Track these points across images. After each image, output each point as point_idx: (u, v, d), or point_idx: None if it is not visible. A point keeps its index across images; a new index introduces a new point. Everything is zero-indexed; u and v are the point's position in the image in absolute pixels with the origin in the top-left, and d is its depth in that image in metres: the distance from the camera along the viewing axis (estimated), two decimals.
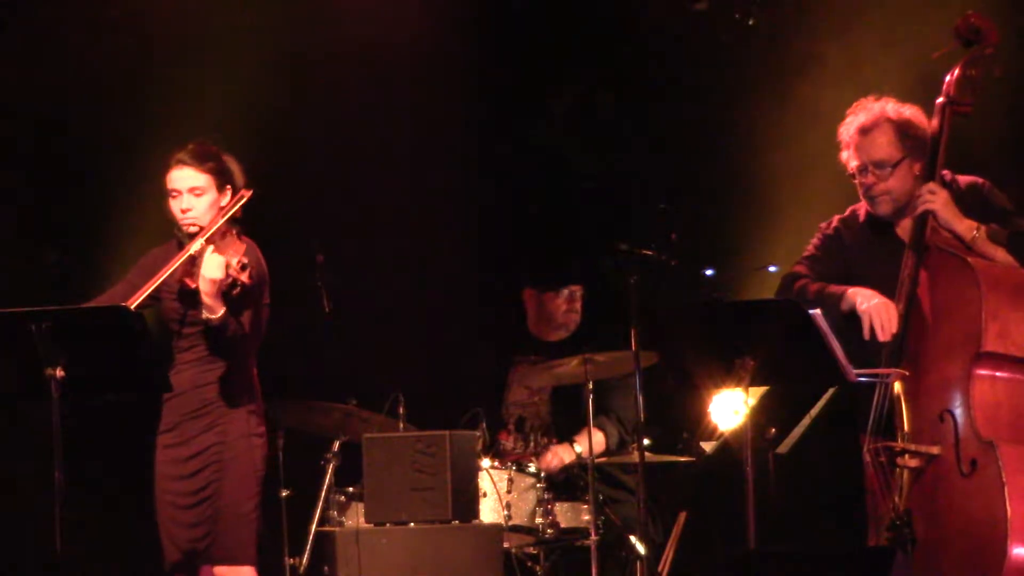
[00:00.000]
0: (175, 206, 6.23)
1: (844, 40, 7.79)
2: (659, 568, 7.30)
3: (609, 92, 8.61)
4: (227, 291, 6.03)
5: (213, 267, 6.00)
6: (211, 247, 6.04)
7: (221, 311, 6.03)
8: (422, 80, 8.41)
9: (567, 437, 7.43)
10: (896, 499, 5.80)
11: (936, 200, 5.84)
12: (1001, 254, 5.82)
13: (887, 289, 5.87)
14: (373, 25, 8.31)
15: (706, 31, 8.35)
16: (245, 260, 6.01)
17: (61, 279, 8.23)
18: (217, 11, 8.13)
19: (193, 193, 6.21)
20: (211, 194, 6.22)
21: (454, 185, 8.50)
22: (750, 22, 8.28)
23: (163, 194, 6.29)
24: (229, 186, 6.27)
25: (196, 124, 7.56)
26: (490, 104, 8.60)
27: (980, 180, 6.01)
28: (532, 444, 7.33)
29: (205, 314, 6.03)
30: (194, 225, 6.18)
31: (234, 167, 6.31)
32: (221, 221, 6.14)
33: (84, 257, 8.19)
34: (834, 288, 5.97)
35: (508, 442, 7.41)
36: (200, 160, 6.24)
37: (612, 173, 8.60)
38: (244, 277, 6.00)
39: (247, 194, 6.21)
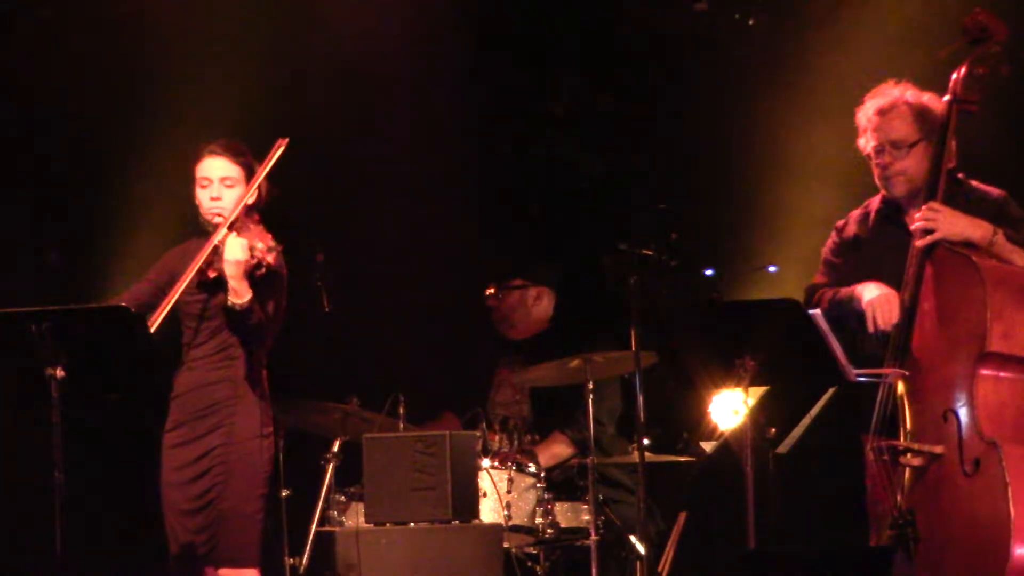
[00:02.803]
0: (203, 195, 6.21)
1: (846, 39, 7.79)
2: (659, 568, 7.30)
3: (608, 92, 8.61)
4: (251, 274, 6.02)
5: (236, 249, 6.00)
6: (233, 232, 6.04)
7: (248, 296, 6.01)
8: (422, 80, 8.41)
9: (543, 435, 7.49)
10: (899, 498, 5.79)
11: (938, 223, 5.82)
12: (1019, 256, 5.81)
13: (899, 280, 5.86)
14: (372, 25, 8.31)
15: (706, 31, 8.35)
16: (272, 244, 6.02)
17: (61, 279, 8.23)
18: (217, 11, 8.13)
19: (224, 183, 6.20)
20: (240, 187, 6.20)
21: (454, 185, 8.50)
22: (750, 22, 8.28)
23: (190, 182, 6.27)
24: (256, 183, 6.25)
25: (196, 124, 7.57)
26: (490, 104, 8.60)
27: (996, 191, 5.99)
28: (517, 443, 7.35)
29: (231, 299, 6.01)
30: (219, 215, 6.16)
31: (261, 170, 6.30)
32: (239, 207, 6.12)
33: (84, 257, 8.19)
34: (844, 291, 5.97)
35: (495, 441, 7.42)
36: (234, 153, 6.24)
37: (612, 173, 8.60)
38: (270, 258, 6.00)
39: (283, 143, 6.19)
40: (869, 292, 5.88)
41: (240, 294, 6.01)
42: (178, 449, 6.18)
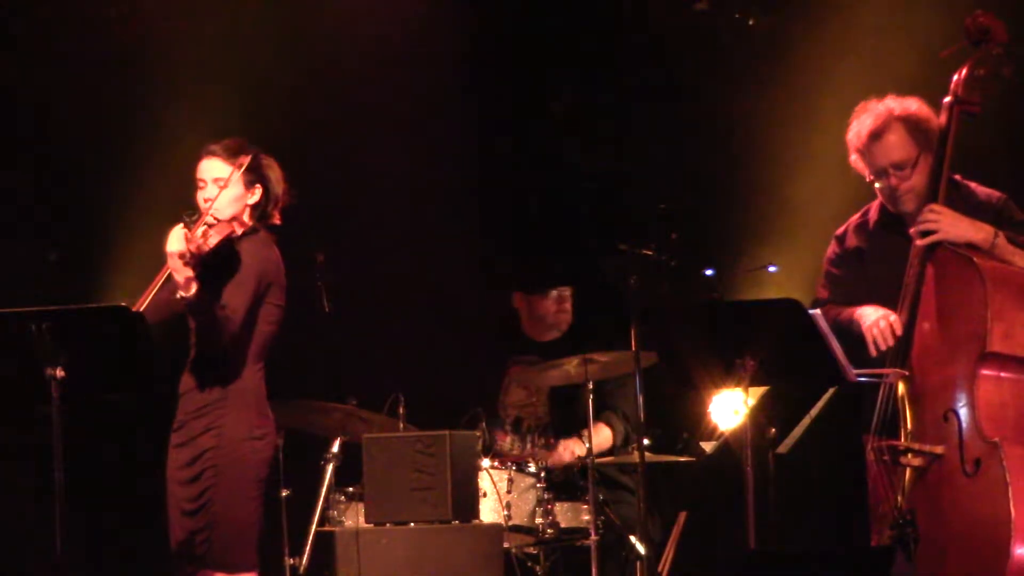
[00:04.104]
0: (199, 196, 6.17)
1: (846, 38, 7.78)
2: (659, 568, 7.30)
3: (609, 92, 8.61)
4: (197, 268, 5.95)
5: (173, 240, 5.94)
6: (179, 225, 5.97)
7: (190, 288, 5.95)
8: (421, 80, 8.41)
9: (569, 435, 7.43)
10: (899, 498, 5.79)
11: (940, 225, 5.81)
12: (1020, 258, 5.80)
13: (899, 288, 5.86)
14: (372, 24, 8.31)
15: (706, 31, 8.35)
16: (211, 240, 5.94)
17: (61, 279, 8.23)
18: (217, 11, 8.13)
19: (218, 184, 6.13)
20: (235, 188, 6.15)
21: (454, 185, 8.50)
22: (750, 22, 8.28)
23: (192, 186, 6.25)
24: (259, 185, 6.22)
25: (197, 124, 7.57)
26: (490, 104, 8.60)
27: (996, 194, 5.98)
28: (529, 445, 7.34)
29: (180, 292, 5.98)
30: (212, 217, 6.13)
31: (273, 172, 6.24)
32: (233, 207, 6.09)
33: (84, 257, 8.19)
34: (844, 315, 5.96)
35: (505, 443, 7.41)
36: (230, 153, 6.17)
37: (612, 173, 8.60)
38: (192, 247, 5.90)
39: (244, 161, 6.13)
40: (868, 318, 5.87)
41: (182, 286, 5.97)
42: (179, 449, 6.17)
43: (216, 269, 6.03)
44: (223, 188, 6.12)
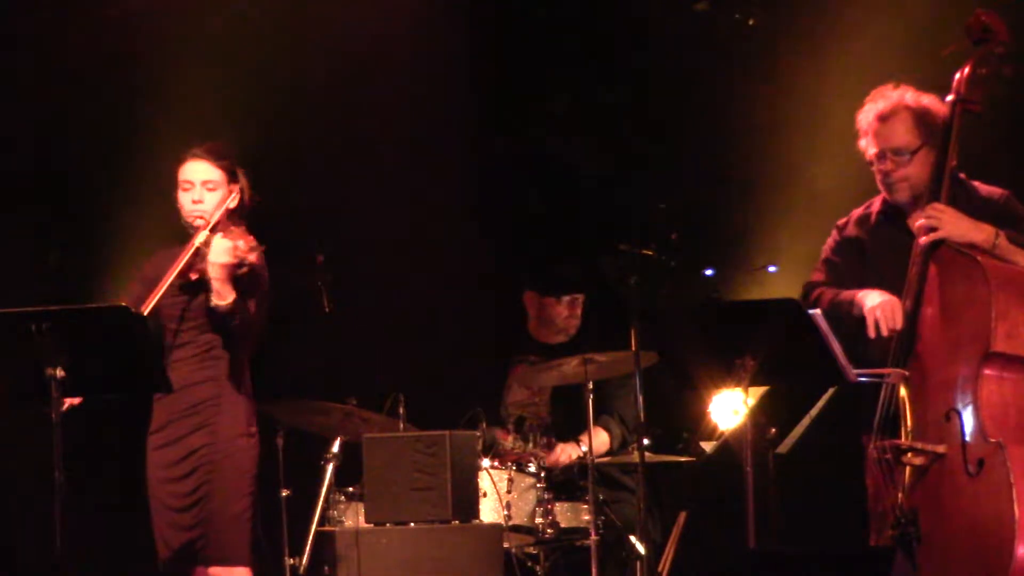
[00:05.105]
0: (185, 198, 6.25)
1: (846, 38, 7.78)
2: (659, 568, 7.30)
3: (609, 91, 8.61)
4: (234, 275, 6.05)
5: (221, 251, 6.04)
6: (218, 235, 6.09)
7: (231, 297, 6.04)
8: (421, 80, 8.41)
9: (568, 437, 7.43)
10: (900, 498, 5.79)
11: (942, 223, 5.82)
12: (1022, 257, 5.80)
13: (900, 282, 5.86)
14: (371, 25, 8.32)
15: (706, 31, 8.35)
16: (254, 243, 6.06)
17: (61, 279, 8.23)
18: (216, 12, 8.13)
19: (206, 187, 6.24)
20: (222, 191, 6.25)
21: (454, 184, 8.50)
22: (750, 22, 8.28)
23: (173, 186, 6.30)
24: (237, 187, 6.30)
25: (195, 124, 7.57)
26: (490, 104, 8.60)
27: (999, 191, 5.99)
28: (531, 444, 7.34)
29: (214, 300, 6.04)
30: (201, 218, 6.19)
31: (242, 177, 6.35)
32: (221, 210, 6.17)
33: (84, 257, 8.19)
34: (845, 295, 5.96)
35: (507, 442, 7.41)
36: (217, 156, 6.27)
37: (612, 173, 8.60)
38: (252, 257, 6.04)
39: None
40: (871, 299, 5.87)
41: (223, 295, 6.04)
42: (164, 449, 6.21)
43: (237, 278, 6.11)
44: (213, 191, 6.23)
